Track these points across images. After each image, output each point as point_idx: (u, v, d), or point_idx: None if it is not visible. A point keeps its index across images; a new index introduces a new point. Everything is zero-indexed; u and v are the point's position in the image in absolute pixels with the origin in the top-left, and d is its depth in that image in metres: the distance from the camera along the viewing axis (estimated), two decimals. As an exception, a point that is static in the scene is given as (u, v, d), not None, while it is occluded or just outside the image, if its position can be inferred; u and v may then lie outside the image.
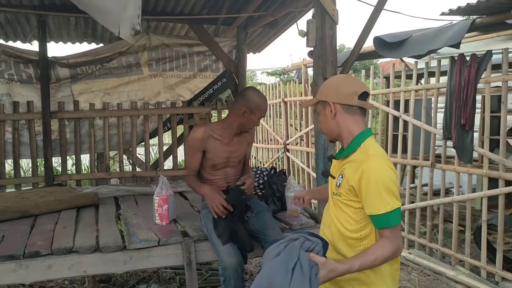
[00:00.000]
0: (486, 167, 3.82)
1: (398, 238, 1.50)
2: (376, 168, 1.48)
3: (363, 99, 1.59)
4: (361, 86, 1.61)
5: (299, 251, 1.45)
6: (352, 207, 1.57)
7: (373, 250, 1.49)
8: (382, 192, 1.45)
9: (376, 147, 1.59)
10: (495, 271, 3.76)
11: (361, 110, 1.61)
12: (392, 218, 1.45)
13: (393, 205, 1.46)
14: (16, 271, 2.31)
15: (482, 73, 3.75)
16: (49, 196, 3.35)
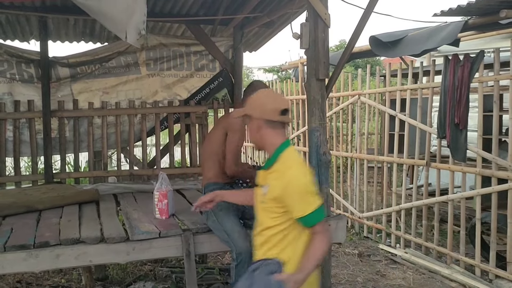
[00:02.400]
0: (480, 165, 4.11)
1: (327, 229, 1.88)
2: (297, 176, 1.84)
3: (284, 114, 1.94)
4: (282, 103, 1.95)
5: (268, 278, 1.80)
6: (276, 213, 1.90)
7: (314, 248, 1.83)
8: (306, 195, 1.81)
9: (294, 156, 1.95)
10: (489, 269, 4.02)
11: (282, 124, 1.97)
12: (319, 215, 1.81)
13: (317, 204, 1.82)
14: (27, 260, 2.61)
15: (475, 72, 4.04)
16: (52, 192, 3.67)
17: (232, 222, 2.79)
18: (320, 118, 3.06)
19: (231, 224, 2.77)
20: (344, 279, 4.31)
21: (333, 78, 3.22)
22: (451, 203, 4.45)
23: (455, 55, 4.22)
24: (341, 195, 6.03)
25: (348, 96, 5.77)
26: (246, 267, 2.66)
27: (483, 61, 4.04)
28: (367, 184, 5.63)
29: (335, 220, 3.15)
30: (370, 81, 5.52)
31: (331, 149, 5.87)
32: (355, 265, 4.67)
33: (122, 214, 3.41)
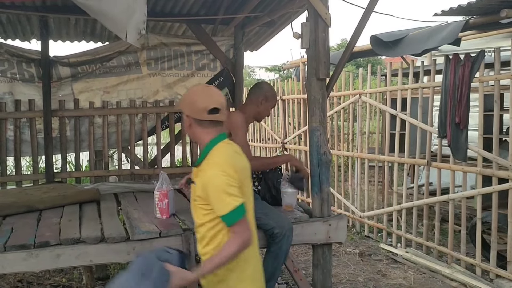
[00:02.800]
0: (480, 165, 4.12)
1: (245, 230, 1.82)
2: (215, 176, 1.81)
3: (214, 113, 1.89)
4: (212, 102, 1.88)
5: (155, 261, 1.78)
6: (205, 210, 1.90)
7: (222, 250, 1.84)
8: (222, 195, 1.79)
9: (220, 153, 1.90)
10: (489, 269, 4.03)
11: (213, 122, 1.92)
12: (235, 215, 1.79)
13: (234, 204, 1.79)
14: (27, 260, 2.60)
15: (475, 72, 4.04)
16: (52, 192, 3.67)
17: None
18: (320, 118, 3.06)
19: None
20: (345, 279, 4.31)
21: (334, 78, 3.22)
22: (452, 202, 4.45)
23: (456, 54, 4.22)
24: (342, 194, 6.02)
25: (349, 96, 5.76)
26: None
27: (484, 61, 4.03)
28: (368, 184, 5.63)
29: (336, 220, 3.14)
30: (371, 81, 5.50)
31: (332, 148, 5.86)
32: (356, 264, 4.67)
33: (123, 213, 3.41)
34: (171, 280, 1.75)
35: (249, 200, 1.99)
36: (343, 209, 5.99)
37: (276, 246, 2.90)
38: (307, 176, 3.24)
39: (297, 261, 4.37)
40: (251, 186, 2.08)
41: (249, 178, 2.03)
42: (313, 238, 3.10)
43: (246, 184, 1.98)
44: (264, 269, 2.92)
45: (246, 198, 1.93)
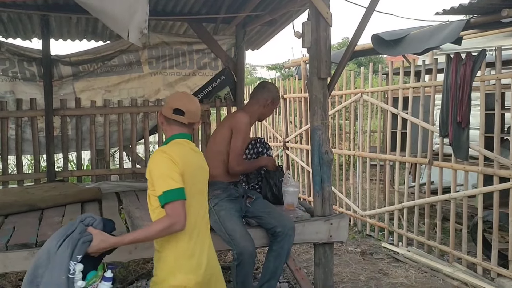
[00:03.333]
0: (482, 164, 4.12)
1: (177, 214, 1.90)
2: (157, 160, 1.99)
3: (178, 113, 2.09)
4: (179, 104, 2.10)
5: (78, 224, 1.98)
6: (154, 196, 1.99)
7: (150, 225, 1.97)
8: (163, 177, 1.94)
9: (171, 144, 2.08)
10: (490, 268, 4.03)
11: (179, 122, 2.11)
12: (169, 196, 1.90)
13: (171, 186, 1.91)
14: (28, 259, 2.60)
15: (477, 71, 4.04)
16: (54, 191, 3.68)
17: (233, 222, 2.80)
18: (322, 117, 3.07)
19: (233, 224, 2.79)
20: (347, 277, 4.31)
21: (335, 77, 3.22)
22: (454, 201, 4.45)
23: (457, 53, 4.22)
24: (343, 193, 6.03)
25: (351, 94, 5.76)
26: (247, 268, 2.71)
27: (485, 60, 4.03)
28: (369, 182, 5.63)
29: (337, 219, 3.15)
30: (372, 79, 5.50)
31: (333, 147, 5.86)
32: (358, 263, 4.67)
33: (125, 212, 3.42)
34: (93, 241, 1.94)
35: (194, 196, 2.07)
36: (344, 208, 5.99)
37: (278, 245, 2.91)
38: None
39: (298, 260, 4.38)
40: (201, 185, 2.16)
41: (199, 176, 2.14)
42: (314, 237, 3.11)
43: (194, 181, 2.07)
44: (266, 267, 2.94)
45: (191, 191, 2.02)
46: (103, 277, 1.97)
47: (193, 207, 2.04)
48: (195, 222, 2.06)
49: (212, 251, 2.18)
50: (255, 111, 3.15)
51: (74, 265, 1.85)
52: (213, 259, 2.16)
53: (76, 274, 1.87)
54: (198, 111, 2.17)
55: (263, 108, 3.16)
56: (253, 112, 3.15)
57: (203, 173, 2.19)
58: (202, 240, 2.09)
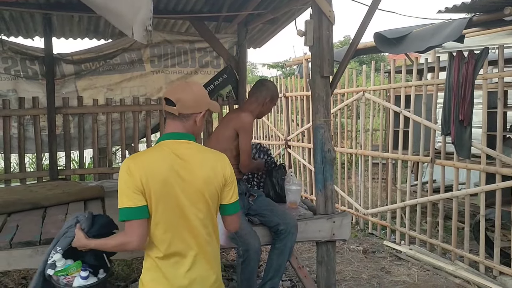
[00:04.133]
0: (484, 162, 4.12)
1: (130, 233, 1.75)
2: (120, 170, 1.82)
3: (169, 104, 1.87)
4: (169, 93, 1.89)
5: (73, 219, 2.19)
6: None
7: (108, 237, 1.94)
8: (119, 190, 1.80)
9: (150, 149, 1.92)
10: (493, 266, 4.04)
11: (171, 114, 1.87)
12: (121, 215, 1.78)
13: (122, 204, 1.78)
14: (32, 257, 2.63)
15: (479, 69, 4.04)
16: (57, 189, 3.70)
17: None
18: (324, 115, 3.07)
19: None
20: (349, 276, 4.32)
21: (338, 75, 3.23)
22: (456, 199, 4.45)
23: (460, 51, 4.22)
24: (345, 191, 6.04)
25: (353, 93, 5.76)
26: (252, 264, 2.73)
27: (488, 58, 4.03)
28: (371, 181, 5.63)
29: (340, 217, 3.16)
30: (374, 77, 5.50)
31: (335, 146, 5.87)
32: (360, 261, 4.68)
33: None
34: (74, 239, 2.07)
35: (171, 212, 1.79)
36: (346, 206, 6.00)
37: (281, 242, 2.93)
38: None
39: (301, 258, 4.39)
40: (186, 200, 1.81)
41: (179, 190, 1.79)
42: (317, 235, 3.12)
43: (168, 195, 1.78)
44: (269, 265, 2.95)
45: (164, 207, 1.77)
46: (79, 273, 2.09)
47: (168, 225, 1.78)
48: (174, 241, 1.80)
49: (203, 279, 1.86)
50: (254, 109, 3.16)
51: (53, 254, 2.11)
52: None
53: (53, 262, 2.10)
54: (196, 101, 1.88)
55: (262, 106, 3.16)
56: (253, 110, 3.15)
57: (188, 182, 1.80)
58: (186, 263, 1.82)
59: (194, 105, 1.87)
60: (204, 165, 1.84)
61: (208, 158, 1.89)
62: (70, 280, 2.07)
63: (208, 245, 1.87)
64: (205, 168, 1.84)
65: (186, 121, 1.87)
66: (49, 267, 2.09)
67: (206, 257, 1.86)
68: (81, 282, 2.06)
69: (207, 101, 1.96)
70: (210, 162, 1.87)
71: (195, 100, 1.88)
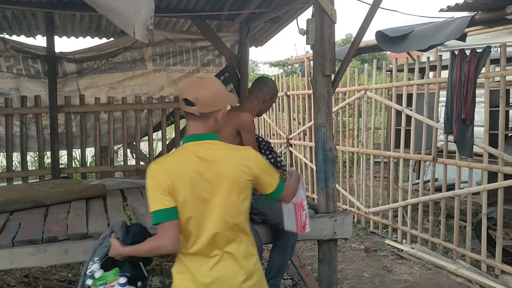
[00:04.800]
0: (486, 161, 4.12)
1: (163, 236, 1.76)
2: (147, 175, 1.81)
3: (188, 104, 1.81)
4: (187, 93, 1.82)
5: (108, 229, 2.20)
6: None
7: (144, 242, 1.90)
8: (147, 194, 1.80)
9: (170, 156, 1.91)
10: (495, 265, 4.04)
11: (192, 115, 1.82)
12: (154, 218, 1.78)
13: (153, 207, 1.77)
14: (35, 255, 2.64)
15: (481, 68, 4.04)
16: (59, 187, 3.71)
17: None
18: (326, 114, 3.07)
19: None
20: (351, 274, 4.33)
21: (340, 74, 3.22)
22: (458, 198, 4.45)
23: (462, 50, 4.21)
24: (347, 190, 6.04)
25: (355, 91, 5.76)
26: None
27: (490, 56, 4.02)
28: (373, 179, 5.63)
29: (342, 216, 3.16)
30: (376, 76, 5.50)
31: (337, 144, 5.86)
32: (362, 260, 4.69)
33: (129, 209, 3.44)
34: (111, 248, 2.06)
35: (198, 211, 1.79)
36: (348, 205, 6.00)
37: (283, 241, 2.93)
38: None
39: (302, 257, 4.40)
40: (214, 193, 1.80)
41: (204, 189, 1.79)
42: (319, 233, 3.12)
43: (195, 195, 1.78)
44: (270, 264, 2.95)
45: (191, 207, 1.78)
46: (118, 281, 2.06)
47: (194, 226, 1.79)
48: (199, 241, 1.81)
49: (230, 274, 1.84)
50: (254, 107, 3.15)
51: (91, 265, 2.09)
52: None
53: (90, 271, 2.06)
54: (214, 98, 1.82)
55: (262, 104, 3.15)
56: (253, 108, 3.15)
57: (213, 182, 1.80)
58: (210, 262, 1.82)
59: (213, 103, 1.82)
60: (228, 164, 1.82)
61: (232, 155, 1.86)
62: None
63: (237, 245, 1.86)
64: (230, 167, 1.81)
65: (207, 121, 1.83)
66: (88, 278, 2.07)
67: (234, 256, 1.84)
68: None
69: (226, 96, 1.91)
70: (234, 159, 1.84)
71: (213, 97, 1.82)
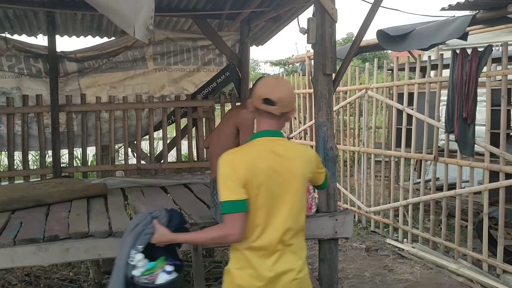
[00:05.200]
0: (488, 160, 4.11)
1: (231, 226, 1.79)
2: (220, 164, 1.85)
3: (268, 104, 1.86)
4: (267, 92, 1.86)
5: (146, 216, 2.10)
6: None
7: (204, 230, 1.96)
8: (221, 184, 1.83)
9: (248, 146, 1.92)
10: (496, 264, 4.04)
11: (268, 113, 1.88)
12: (226, 207, 1.80)
13: (225, 197, 1.80)
14: (36, 254, 2.64)
15: (483, 67, 4.03)
16: (60, 186, 3.72)
17: None
18: (327, 113, 3.07)
19: None
20: (352, 274, 4.33)
21: (340, 73, 3.22)
22: (459, 197, 4.45)
23: (463, 49, 4.21)
24: (348, 189, 6.03)
25: (355, 90, 5.75)
26: None
27: (491, 55, 4.02)
28: (374, 179, 5.63)
29: (343, 215, 3.16)
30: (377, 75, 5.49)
31: (338, 143, 5.86)
32: (363, 259, 4.69)
33: (130, 208, 3.45)
34: (155, 233, 2.02)
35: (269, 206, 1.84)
36: (349, 204, 6.00)
37: None
38: None
39: (303, 256, 4.39)
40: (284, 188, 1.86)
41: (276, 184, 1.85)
42: (319, 233, 3.12)
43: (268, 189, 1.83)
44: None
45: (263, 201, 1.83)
46: (163, 269, 2.04)
47: (262, 218, 1.83)
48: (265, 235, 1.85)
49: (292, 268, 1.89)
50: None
51: (135, 254, 2.02)
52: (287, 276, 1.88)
53: (135, 261, 2.02)
54: (291, 98, 1.92)
55: None
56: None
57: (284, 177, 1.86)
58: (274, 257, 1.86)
59: (290, 103, 1.92)
60: (299, 162, 1.91)
61: (301, 154, 1.95)
62: (152, 278, 2.04)
63: (297, 238, 1.93)
64: (300, 165, 1.91)
65: (281, 119, 1.92)
66: (132, 268, 2.03)
67: (293, 249, 1.91)
68: (167, 277, 2.03)
69: (294, 96, 2.03)
70: (303, 158, 1.94)
71: (291, 97, 1.92)
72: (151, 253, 2.08)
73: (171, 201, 3.74)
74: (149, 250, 2.07)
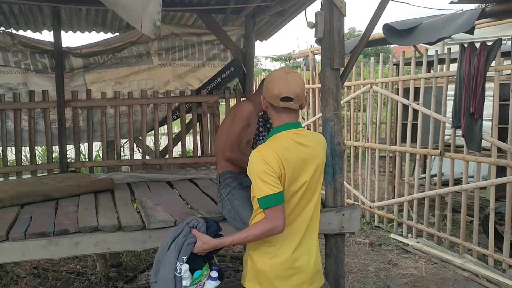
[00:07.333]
0: (495, 155, 4.11)
1: (276, 218, 1.86)
2: (253, 161, 1.91)
3: (286, 101, 1.95)
4: (285, 90, 1.94)
5: (184, 226, 2.10)
6: (254, 198, 1.97)
7: (248, 228, 1.97)
8: (256, 180, 1.88)
9: (273, 141, 1.97)
10: (502, 259, 4.06)
11: (287, 108, 1.98)
12: (267, 202, 1.86)
13: (265, 192, 1.85)
14: (46, 248, 2.67)
15: (491, 61, 4.01)
16: (68, 181, 3.74)
17: (248, 211, 2.82)
18: (334, 108, 3.07)
19: (247, 213, 2.81)
20: (356, 268, 4.35)
21: (348, 68, 3.22)
22: (465, 193, 4.45)
23: (471, 43, 4.19)
24: (352, 184, 6.04)
25: (360, 85, 5.75)
26: None
27: (500, 50, 4.00)
28: (378, 174, 5.64)
29: (349, 210, 3.17)
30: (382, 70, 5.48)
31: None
32: (367, 254, 4.71)
33: (137, 202, 3.47)
34: (197, 243, 2.02)
35: (296, 193, 1.96)
36: (353, 200, 6.01)
37: None
38: None
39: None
40: (310, 179, 1.99)
41: (303, 171, 1.96)
42: (326, 227, 3.12)
43: (296, 177, 1.94)
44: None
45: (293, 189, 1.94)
46: (209, 276, 2.04)
47: (289, 207, 1.95)
48: (290, 223, 1.96)
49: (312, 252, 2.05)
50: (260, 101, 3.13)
51: (181, 265, 2.01)
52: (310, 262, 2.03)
53: (182, 273, 2.01)
54: (304, 89, 2.01)
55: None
56: (258, 102, 3.12)
57: (309, 166, 1.98)
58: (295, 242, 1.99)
59: (304, 94, 2.01)
60: (319, 149, 2.05)
61: (318, 139, 2.10)
62: (200, 287, 2.04)
63: (315, 227, 2.07)
64: (320, 151, 2.05)
65: (298, 111, 2.03)
66: (185, 279, 2.03)
67: (311, 231, 2.04)
68: (214, 284, 2.03)
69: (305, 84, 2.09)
70: (321, 145, 2.09)
71: (304, 88, 2.02)
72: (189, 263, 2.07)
73: (177, 196, 3.76)
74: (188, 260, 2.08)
